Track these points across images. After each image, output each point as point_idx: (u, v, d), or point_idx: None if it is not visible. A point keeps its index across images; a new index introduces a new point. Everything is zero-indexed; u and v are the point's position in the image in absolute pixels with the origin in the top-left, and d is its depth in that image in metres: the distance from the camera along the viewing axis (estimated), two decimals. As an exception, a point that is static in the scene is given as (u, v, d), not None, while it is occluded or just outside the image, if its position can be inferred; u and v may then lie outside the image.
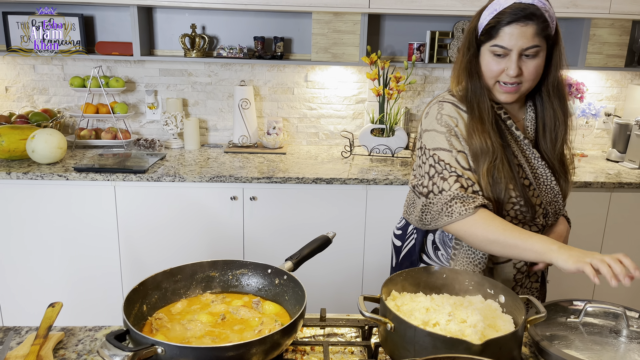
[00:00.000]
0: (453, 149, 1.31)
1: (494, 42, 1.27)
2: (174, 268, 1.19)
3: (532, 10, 1.23)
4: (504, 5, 1.25)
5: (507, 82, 1.29)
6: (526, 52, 1.26)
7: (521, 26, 1.23)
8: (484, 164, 1.28)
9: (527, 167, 1.35)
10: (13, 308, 2.53)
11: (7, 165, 2.43)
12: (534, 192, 1.35)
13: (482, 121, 1.31)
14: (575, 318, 1.17)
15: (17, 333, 1.16)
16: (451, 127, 1.33)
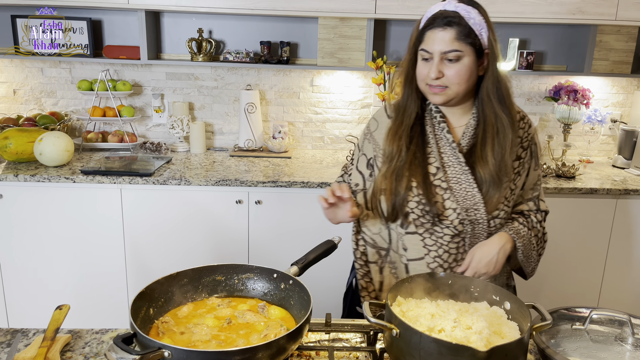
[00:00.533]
0: (361, 150, 1.52)
1: (421, 47, 1.35)
2: (180, 272, 1.20)
3: (451, 16, 1.31)
4: (432, 12, 1.35)
5: (432, 84, 1.35)
6: (447, 56, 1.31)
7: (440, 30, 1.31)
8: (388, 165, 1.40)
9: (442, 170, 1.37)
10: (19, 310, 2.54)
11: (14, 168, 2.44)
12: (450, 196, 1.36)
13: (399, 126, 1.41)
14: (580, 325, 1.17)
15: (25, 335, 1.17)
16: (370, 130, 1.51)
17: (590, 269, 2.62)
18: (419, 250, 1.40)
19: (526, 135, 1.44)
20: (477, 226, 1.37)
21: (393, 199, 1.38)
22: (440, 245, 1.38)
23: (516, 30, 2.95)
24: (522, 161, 1.43)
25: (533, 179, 1.48)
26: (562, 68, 3.03)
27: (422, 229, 1.38)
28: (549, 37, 2.98)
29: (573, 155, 3.09)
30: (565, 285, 2.64)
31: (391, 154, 1.39)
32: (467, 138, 1.39)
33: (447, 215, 1.35)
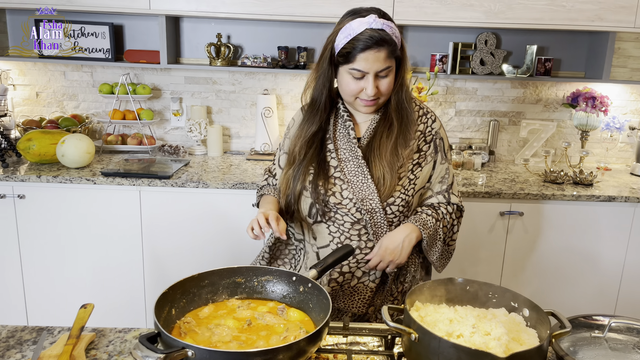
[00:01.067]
0: (282, 149, 1.62)
1: (351, 66, 1.39)
2: (202, 273, 1.22)
3: (382, 36, 1.36)
4: (357, 31, 1.37)
5: (366, 99, 1.43)
6: (381, 74, 1.40)
7: (375, 52, 1.36)
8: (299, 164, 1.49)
9: (341, 165, 1.47)
10: (38, 308, 2.59)
11: (37, 169, 2.50)
12: (348, 187, 1.46)
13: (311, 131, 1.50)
14: (599, 333, 1.17)
15: (50, 333, 1.20)
16: (288, 128, 1.62)
17: (608, 277, 2.60)
18: (325, 238, 1.50)
19: (429, 129, 1.53)
20: (375, 215, 1.45)
21: (289, 195, 1.50)
22: (342, 232, 1.48)
23: (534, 36, 2.94)
24: (424, 153, 1.51)
25: (440, 172, 1.55)
26: (580, 75, 3.01)
27: (326, 217, 1.48)
28: (567, 44, 2.97)
29: (591, 163, 3.07)
30: (582, 293, 2.62)
31: (291, 154, 1.52)
32: (368, 132, 1.50)
33: (344, 204, 1.45)
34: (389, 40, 1.37)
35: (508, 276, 2.59)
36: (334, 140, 1.51)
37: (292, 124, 1.61)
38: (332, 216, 1.48)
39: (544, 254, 2.56)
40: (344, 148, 1.49)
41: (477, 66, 2.92)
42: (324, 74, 1.47)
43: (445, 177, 1.55)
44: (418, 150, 1.51)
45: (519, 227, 2.53)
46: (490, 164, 3.00)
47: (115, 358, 1.11)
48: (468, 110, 3.07)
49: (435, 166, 1.53)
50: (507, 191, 2.48)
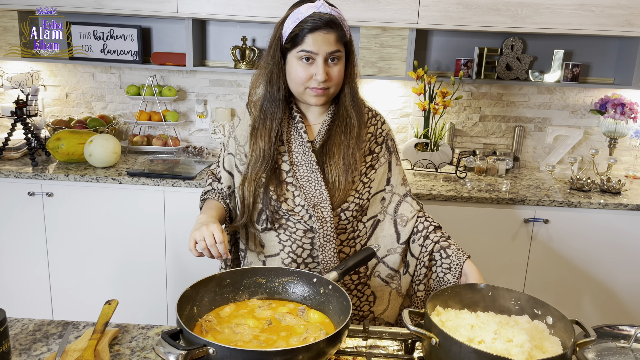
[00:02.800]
0: (226, 150, 1.51)
1: (300, 48, 1.34)
2: (223, 273, 1.23)
3: (331, 18, 1.34)
4: (305, 14, 1.33)
5: (316, 87, 1.36)
6: (331, 57, 1.35)
7: (324, 33, 1.33)
8: (260, 168, 1.40)
9: (293, 169, 1.41)
10: (64, 303, 2.64)
11: (65, 168, 2.56)
12: (300, 193, 1.40)
13: (270, 130, 1.41)
14: (625, 343, 1.14)
15: (75, 327, 1.23)
16: (233, 127, 1.51)
17: (635, 287, 2.53)
18: (274, 247, 1.44)
19: (379, 131, 1.51)
20: (325, 225, 1.39)
21: (243, 206, 1.42)
22: (293, 240, 1.42)
23: (561, 41, 2.90)
24: (377, 155, 1.49)
25: (399, 173, 1.53)
26: (609, 81, 2.96)
27: (276, 224, 1.42)
28: (596, 49, 2.92)
29: (619, 171, 3.00)
30: (610, 303, 2.56)
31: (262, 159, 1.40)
32: (321, 134, 1.44)
33: (297, 211, 1.39)
34: (337, 23, 1.34)
35: (532, 284, 2.55)
36: (287, 142, 1.43)
37: (238, 122, 1.51)
38: (282, 224, 1.41)
39: (569, 262, 2.52)
40: (296, 151, 1.42)
41: (503, 71, 2.89)
42: (276, 66, 1.39)
43: (405, 179, 1.54)
44: (370, 153, 1.48)
45: (543, 234, 2.49)
46: (514, 170, 2.96)
47: (137, 354, 1.13)
48: (493, 116, 3.04)
49: (391, 168, 1.51)
50: (532, 198, 2.44)
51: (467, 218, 2.48)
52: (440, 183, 2.62)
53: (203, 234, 1.26)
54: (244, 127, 1.48)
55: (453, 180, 2.69)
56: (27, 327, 1.22)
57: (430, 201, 2.45)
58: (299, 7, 1.36)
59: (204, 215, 1.36)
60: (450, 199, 2.44)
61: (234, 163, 1.49)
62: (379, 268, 1.51)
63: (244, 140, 1.47)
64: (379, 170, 1.49)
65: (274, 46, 1.39)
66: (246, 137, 1.46)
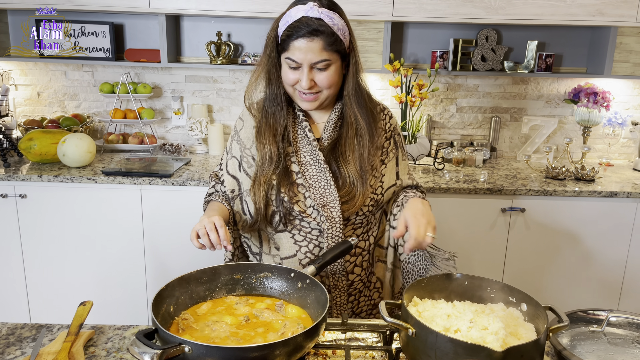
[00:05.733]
0: (229, 153, 1.49)
1: (287, 55, 1.31)
2: (200, 270, 1.22)
3: (317, 25, 1.27)
4: (294, 18, 1.29)
5: (304, 92, 1.33)
6: (316, 66, 1.30)
7: (308, 41, 1.27)
8: (269, 168, 1.37)
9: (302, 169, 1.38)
10: (41, 306, 2.60)
11: (38, 169, 2.51)
12: (311, 194, 1.37)
13: (274, 130, 1.38)
14: (598, 328, 1.17)
15: (50, 330, 1.21)
16: (236, 131, 1.49)
17: (610, 273, 2.59)
18: (290, 248, 1.42)
19: (388, 126, 1.48)
20: (334, 225, 1.37)
21: (256, 209, 1.38)
22: (309, 240, 1.40)
23: (535, 32, 2.93)
24: (386, 150, 1.47)
25: (405, 168, 1.52)
26: (582, 70, 3.00)
27: (290, 226, 1.40)
28: (568, 39, 2.96)
29: (593, 159, 3.06)
30: (584, 289, 2.61)
31: (270, 159, 1.37)
32: (328, 132, 1.41)
33: (309, 212, 1.37)
34: (325, 31, 1.27)
35: (510, 273, 2.59)
36: (295, 142, 1.40)
37: (242, 125, 1.48)
38: (296, 224, 1.40)
39: (545, 250, 2.56)
40: (304, 151, 1.40)
41: (478, 62, 2.91)
42: (273, 65, 1.36)
43: (411, 173, 1.55)
44: (380, 148, 1.46)
45: (520, 223, 2.52)
46: (491, 161, 2.99)
47: (113, 355, 1.12)
48: (469, 107, 3.06)
49: (398, 163, 1.50)
50: (509, 187, 2.47)
51: (445, 209, 2.50)
52: (418, 175, 2.64)
53: (203, 223, 1.26)
54: (248, 129, 1.46)
55: (431, 171, 2.71)
56: (0, 331, 1.20)
57: (408, 193, 2.46)
58: (291, 9, 1.31)
59: (207, 213, 1.36)
60: (428, 191, 2.46)
61: (238, 167, 1.46)
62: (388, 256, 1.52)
63: (250, 142, 1.44)
64: (389, 165, 1.47)
65: (271, 45, 1.35)
66: (252, 140, 1.44)
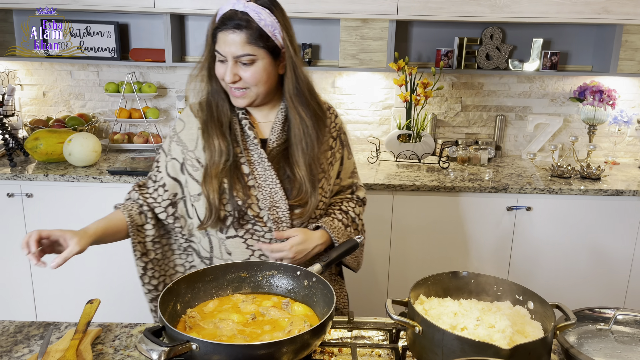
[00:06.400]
0: (169, 154, 1.43)
1: (215, 47, 1.30)
2: (206, 268, 1.23)
3: (240, 19, 1.26)
4: (223, 10, 1.29)
5: (231, 86, 1.32)
6: (241, 60, 1.28)
7: (231, 34, 1.27)
8: (220, 163, 1.34)
9: (252, 170, 1.36)
10: (47, 305, 2.61)
11: (44, 168, 2.52)
12: (262, 196, 1.35)
13: (220, 124, 1.36)
14: (605, 326, 1.16)
15: (57, 328, 1.22)
16: (176, 132, 1.43)
17: (616, 271, 2.58)
18: (243, 252, 1.39)
19: (334, 125, 1.47)
20: (280, 225, 1.36)
21: (210, 204, 1.33)
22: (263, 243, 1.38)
23: (540, 30, 2.92)
24: (333, 151, 1.46)
25: (349, 167, 1.51)
26: (587, 68, 2.99)
27: (242, 230, 1.37)
28: (574, 37, 2.95)
29: (598, 157, 3.05)
30: (590, 288, 2.61)
31: (220, 153, 1.34)
32: (275, 134, 1.38)
33: (262, 216, 1.35)
34: (249, 25, 1.26)
35: (515, 271, 2.58)
36: (243, 142, 1.37)
37: (182, 126, 1.42)
38: (249, 229, 1.37)
39: (551, 248, 2.55)
40: (250, 149, 1.37)
41: (483, 61, 2.90)
42: (213, 60, 1.33)
43: (354, 172, 1.53)
44: (329, 148, 1.45)
45: (526, 221, 2.52)
46: (496, 159, 2.99)
47: (121, 352, 1.12)
48: (474, 106, 3.05)
49: (343, 162, 1.49)
50: (514, 186, 2.46)
51: (450, 207, 2.50)
52: (423, 174, 2.63)
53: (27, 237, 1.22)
54: (191, 131, 1.41)
55: (436, 170, 2.71)
56: (8, 329, 1.21)
57: (413, 192, 2.46)
58: (225, 3, 1.31)
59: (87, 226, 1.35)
60: (433, 189, 2.45)
61: (180, 169, 1.41)
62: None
63: (194, 144, 1.40)
64: (335, 165, 1.47)
65: (209, 40, 1.33)
66: (196, 141, 1.39)
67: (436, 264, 2.55)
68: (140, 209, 1.41)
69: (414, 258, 2.56)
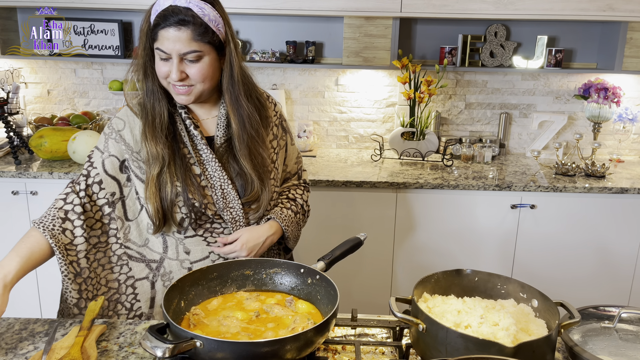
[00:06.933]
0: (105, 151, 1.35)
1: (156, 45, 1.26)
2: (210, 266, 1.23)
3: (184, 15, 1.23)
4: (163, 6, 1.25)
5: (176, 84, 1.29)
6: (187, 57, 1.25)
7: (175, 31, 1.23)
8: (154, 168, 1.30)
9: (203, 169, 1.35)
10: (52, 303, 2.62)
11: (49, 166, 2.52)
12: (216, 196, 1.35)
13: (154, 126, 1.31)
14: (609, 324, 1.16)
15: (62, 325, 1.22)
16: (114, 130, 1.37)
17: (621, 269, 2.57)
18: (202, 250, 1.39)
19: (274, 113, 1.49)
20: (236, 224, 1.38)
21: (161, 207, 1.31)
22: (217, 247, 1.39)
23: (544, 27, 2.91)
24: (277, 139, 1.48)
25: (293, 153, 1.54)
26: (592, 66, 2.98)
27: (201, 230, 1.38)
28: (578, 34, 2.94)
29: (603, 155, 3.03)
30: (595, 286, 2.60)
31: (154, 158, 1.30)
32: (221, 130, 1.37)
33: (219, 214, 1.36)
34: (193, 21, 1.23)
35: (519, 269, 2.58)
36: (191, 141, 1.35)
37: (123, 125, 1.37)
38: (207, 227, 1.37)
39: (555, 246, 2.54)
40: (199, 149, 1.35)
41: (487, 58, 2.89)
42: (148, 57, 1.29)
43: (299, 158, 1.56)
44: (274, 137, 1.47)
45: (530, 219, 2.51)
46: (500, 157, 2.98)
47: (125, 349, 1.13)
48: (478, 103, 3.05)
49: (287, 148, 1.52)
50: (518, 184, 2.46)
51: (454, 205, 2.49)
52: (427, 171, 2.63)
53: None
54: (135, 131, 1.36)
55: (440, 168, 2.70)
56: (13, 326, 1.21)
57: (417, 189, 2.46)
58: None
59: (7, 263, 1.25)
60: (437, 187, 2.45)
61: (119, 167, 1.35)
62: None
63: (138, 146, 1.35)
64: (281, 153, 1.50)
65: (145, 36, 1.29)
66: (139, 142, 1.35)
67: (440, 262, 2.55)
68: (62, 225, 1.29)
69: (417, 256, 2.56)
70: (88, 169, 1.35)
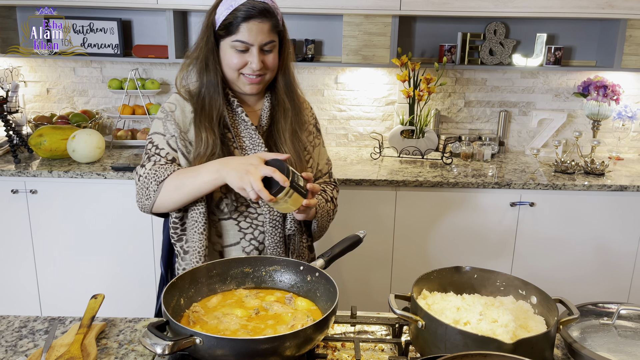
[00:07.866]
0: (167, 133, 1.41)
1: (235, 38, 1.34)
2: (210, 263, 1.23)
3: (265, 7, 1.34)
4: (239, 2, 1.33)
5: (251, 74, 1.37)
6: (265, 47, 1.36)
7: (259, 22, 1.33)
8: (204, 152, 1.36)
9: (242, 153, 1.41)
10: (51, 300, 2.62)
11: (48, 164, 2.53)
12: None
13: (210, 118, 1.38)
14: (608, 320, 1.16)
15: (62, 323, 1.22)
16: (168, 112, 1.42)
17: (620, 267, 2.57)
18: (234, 235, 1.42)
19: (311, 114, 1.59)
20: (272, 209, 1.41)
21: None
22: (255, 226, 1.42)
23: (544, 25, 2.91)
24: (313, 136, 1.56)
25: (325, 154, 1.61)
26: (591, 63, 2.98)
27: (236, 213, 1.41)
28: (578, 32, 2.94)
29: (602, 152, 3.04)
30: (594, 283, 2.60)
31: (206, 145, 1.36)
32: (265, 119, 1.46)
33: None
34: (272, 12, 1.35)
35: (518, 266, 2.58)
36: (234, 128, 1.42)
37: (175, 107, 1.42)
38: (243, 211, 1.41)
39: (554, 243, 2.55)
40: (243, 136, 1.42)
41: (486, 56, 2.89)
42: (211, 52, 1.37)
43: (329, 160, 1.61)
44: (311, 133, 1.56)
45: (529, 217, 2.51)
46: (500, 155, 2.98)
47: (125, 346, 1.13)
48: (477, 101, 3.05)
49: (320, 149, 1.59)
50: (517, 181, 2.46)
51: (454, 203, 2.49)
52: (426, 169, 2.63)
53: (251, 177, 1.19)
54: (185, 113, 1.42)
55: (439, 166, 2.70)
56: (13, 324, 1.21)
57: (417, 188, 2.46)
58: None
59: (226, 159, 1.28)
60: (436, 185, 2.45)
61: (178, 145, 1.41)
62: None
63: (187, 127, 1.41)
64: (315, 150, 1.56)
65: (207, 32, 1.38)
66: (189, 125, 1.41)
67: (439, 259, 2.55)
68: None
69: (416, 253, 2.56)
70: (156, 152, 1.39)
